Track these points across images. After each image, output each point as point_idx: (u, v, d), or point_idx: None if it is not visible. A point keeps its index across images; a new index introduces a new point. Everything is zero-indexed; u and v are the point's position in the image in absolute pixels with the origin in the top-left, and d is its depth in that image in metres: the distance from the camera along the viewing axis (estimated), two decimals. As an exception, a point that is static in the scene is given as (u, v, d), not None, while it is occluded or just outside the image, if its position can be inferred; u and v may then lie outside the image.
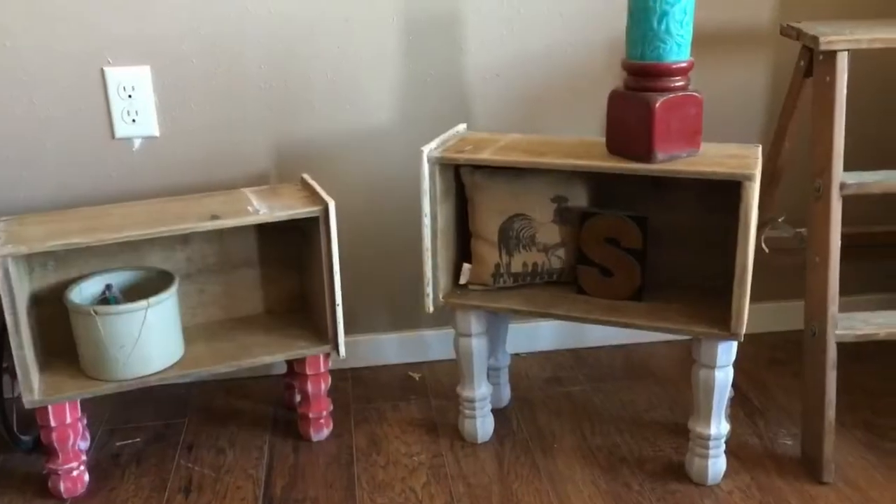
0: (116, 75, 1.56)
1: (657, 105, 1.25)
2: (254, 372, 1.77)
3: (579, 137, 1.48)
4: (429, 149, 1.39)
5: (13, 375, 1.37)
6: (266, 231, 1.59)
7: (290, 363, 1.62)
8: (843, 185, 1.35)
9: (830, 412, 1.39)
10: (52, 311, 1.46)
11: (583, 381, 1.78)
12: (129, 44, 1.55)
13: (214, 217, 1.41)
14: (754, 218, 1.25)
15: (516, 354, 1.86)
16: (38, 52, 1.52)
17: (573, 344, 1.91)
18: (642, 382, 1.77)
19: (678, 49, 1.26)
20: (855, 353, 1.59)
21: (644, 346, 1.90)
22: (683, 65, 1.27)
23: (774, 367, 1.82)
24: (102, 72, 1.55)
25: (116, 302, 1.44)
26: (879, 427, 1.59)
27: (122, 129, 1.59)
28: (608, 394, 1.73)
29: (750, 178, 1.22)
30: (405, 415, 1.67)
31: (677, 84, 1.27)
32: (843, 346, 1.38)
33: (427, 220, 1.41)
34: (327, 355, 1.54)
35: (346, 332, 1.56)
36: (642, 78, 1.28)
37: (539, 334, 1.89)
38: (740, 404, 1.66)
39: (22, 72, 1.53)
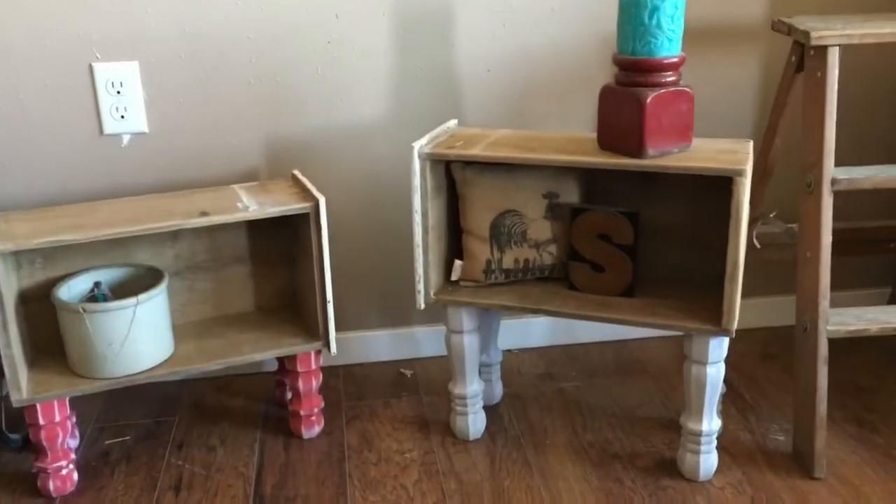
0: (105, 71, 1.55)
1: (648, 100, 1.25)
2: (244, 369, 1.76)
3: (570, 133, 1.48)
4: (419, 145, 1.38)
5: (1, 374, 1.36)
6: (256, 228, 1.58)
7: (281, 360, 1.62)
8: (834, 181, 1.34)
9: (822, 407, 1.39)
10: (40, 308, 1.45)
11: (575, 377, 1.78)
12: (118, 39, 1.53)
13: (204, 214, 1.40)
14: (746, 213, 1.24)
15: (508, 351, 1.85)
16: (25, 48, 1.51)
17: (565, 340, 1.91)
18: (634, 378, 1.77)
19: (669, 44, 1.25)
20: (846, 348, 1.59)
21: (636, 342, 1.90)
22: (675, 60, 1.26)
23: (765, 362, 1.82)
24: (91, 67, 1.54)
25: (105, 299, 1.43)
26: (870, 422, 1.59)
27: (110, 126, 1.58)
28: (600, 390, 1.73)
29: (741, 173, 1.22)
30: (397, 412, 1.67)
31: (668, 79, 1.27)
32: (833, 342, 1.38)
33: (418, 217, 1.40)
34: (318, 352, 1.53)
35: (338, 329, 1.55)
36: (633, 73, 1.27)
37: (531, 330, 1.89)
38: (732, 400, 1.66)
39: (9, 67, 1.52)
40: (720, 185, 1.28)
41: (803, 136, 1.38)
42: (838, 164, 1.36)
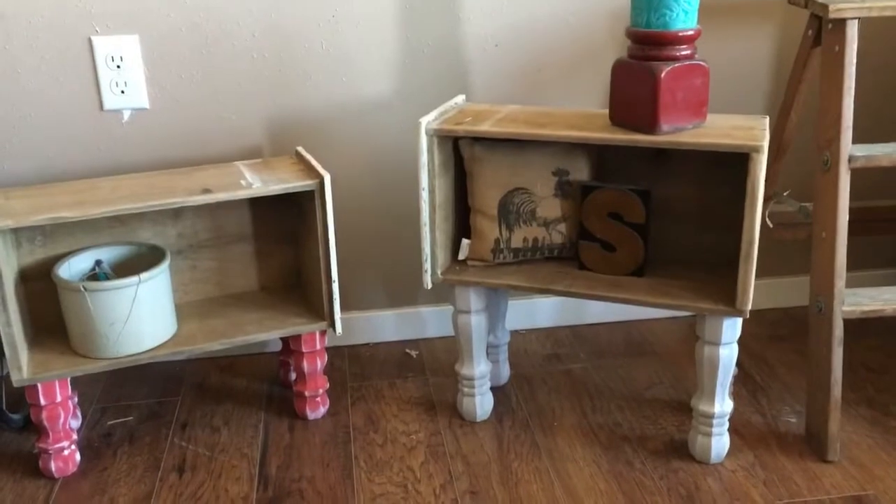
0: (104, 45, 1.51)
1: (663, 74, 1.22)
2: (248, 349, 1.75)
3: (581, 109, 1.45)
4: (427, 120, 1.35)
5: (1, 353, 1.34)
6: (260, 205, 1.55)
7: (285, 340, 1.60)
8: (851, 158, 1.31)
9: (836, 390, 1.37)
10: (40, 287, 1.43)
11: (583, 358, 1.76)
12: (117, 12, 1.50)
13: (206, 191, 1.37)
14: (761, 191, 1.22)
15: (515, 331, 1.83)
16: (23, 22, 1.48)
17: (573, 320, 1.88)
18: (643, 359, 1.75)
19: (685, 16, 1.22)
20: (858, 329, 1.57)
21: (645, 323, 1.88)
22: (690, 33, 1.23)
23: (776, 343, 1.79)
24: (90, 41, 1.51)
25: (107, 278, 1.40)
26: (883, 404, 1.57)
27: (110, 101, 1.55)
28: (609, 371, 1.71)
29: (758, 149, 1.19)
30: (403, 393, 1.65)
31: (683, 53, 1.24)
32: (846, 322, 1.36)
33: (425, 194, 1.38)
34: (323, 332, 1.51)
35: (343, 309, 1.53)
36: (647, 46, 1.24)
37: (539, 310, 1.86)
38: (742, 381, 1.64)
39: (6, 42, 1.49)
40: (733, 163, 1.25)
41: (820, 112, 1.35)
42: (856, 141, 1.33)
